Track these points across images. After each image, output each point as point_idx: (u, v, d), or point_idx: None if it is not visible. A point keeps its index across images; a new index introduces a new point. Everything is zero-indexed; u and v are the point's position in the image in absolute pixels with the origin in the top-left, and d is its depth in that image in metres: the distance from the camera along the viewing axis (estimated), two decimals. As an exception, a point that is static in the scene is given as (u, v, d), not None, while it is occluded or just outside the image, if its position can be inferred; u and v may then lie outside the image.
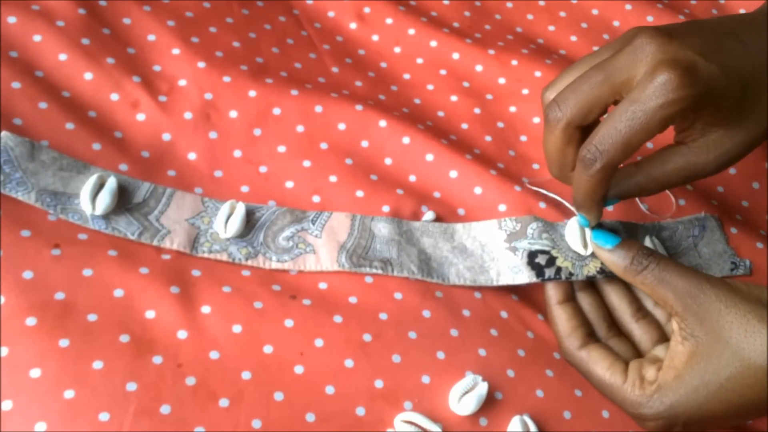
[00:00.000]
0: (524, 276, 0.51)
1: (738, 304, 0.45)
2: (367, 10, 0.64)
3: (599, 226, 0.50)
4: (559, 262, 0.51)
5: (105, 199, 0.49)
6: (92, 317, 0.46)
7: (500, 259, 0.52)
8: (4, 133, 0.50)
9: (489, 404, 0.48)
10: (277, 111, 0.56)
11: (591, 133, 0.46)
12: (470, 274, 0.52)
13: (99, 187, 0.50)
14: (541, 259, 0.51)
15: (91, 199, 0.49)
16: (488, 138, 0.60)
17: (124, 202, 0.50)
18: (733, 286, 0.46)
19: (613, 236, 0.49)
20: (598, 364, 0.48)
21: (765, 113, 0.48)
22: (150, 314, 0.46)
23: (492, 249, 0.53)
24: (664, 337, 0.51)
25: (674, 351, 0.46)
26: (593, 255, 0.51)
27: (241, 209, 0.51)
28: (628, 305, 0.52)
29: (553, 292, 0.51)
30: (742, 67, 0.47)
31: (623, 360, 0.49)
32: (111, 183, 0.50)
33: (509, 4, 0.68)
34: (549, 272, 0.51)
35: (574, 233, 0.51)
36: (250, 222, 0.52)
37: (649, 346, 0.50)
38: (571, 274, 0.51)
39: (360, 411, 0.46)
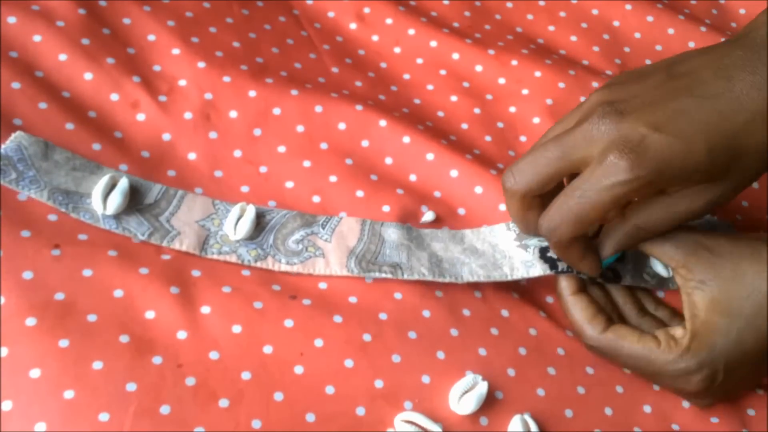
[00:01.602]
0: (538, 269, 0.51)
1: (742, 242, 0.47)
2: (367, 10, 0.64)
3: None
4: None
5: (116, 199, 0.49)
6: (92, 317, 0.46)
7: (513, 257, 0.52)
8: (18, 132, 0.50)
9: (489, 403, 0.48)
10: (277, 111, 0.56)
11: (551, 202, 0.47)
12: (484, 271, 0.52)
13: (111, 187, 0.50)
14: (552, 254, 0.51)
15: (102, 198, 0.49)
16: (488, 138, 0.60)
17: (135, 202, 0.50)
18: (733, 235, 0.48)
19: None
20: (627, 339, 0.49)
21: (746, 166, 0.46)
22: (150, 314, 0.46)
23: (503, 248, 0.53)
24: None
25: (691, 302, 0.48)
26: None
27: (251, 212, 0.51)
28: (632, 305, 0.53)
29: (566, 284, 0.51)
30: (707, 127, 0.44)
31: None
32: (123, 183, 0.50)
33: (509, 4, 0.68)
34: (562, 265, 0.51)
35: None
36: (260, 224, 0.52)
37: None
38: None
39: (360, 411, 0.46)
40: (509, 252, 0.53)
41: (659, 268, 0.53)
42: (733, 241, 0.48)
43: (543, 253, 0.51)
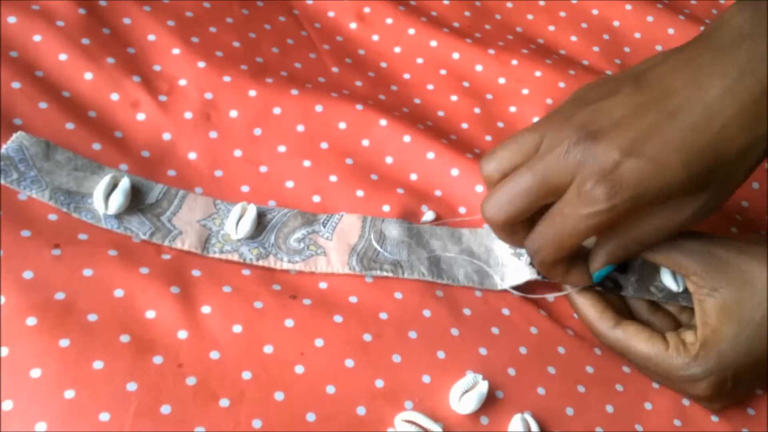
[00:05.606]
0: (526, 274, 0.51)
1: (751, 248, 0.47)
2: (367, 10, 0.64)
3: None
4: None
5: (118, 199, 0.49)
6: (92, 317, 0.45)
7: (506, 265, 0.53)
8: (20, 133, 0.50)
9: (490, 403, 0.48)
10: (277, 111, 0.56)
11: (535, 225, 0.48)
12: (478, 277, 0.52)
13: (112, 187, 0.50)
14: None
15: (104, 198, 0.49)
16: (488, 138, 0.60)
17: (136, 202, 0.50)
18: (740, 240, 0.48)
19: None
20: (637, 337, 0.49)
21: (728, 173, 0.45)
22: (150, 314, 0.46)
23: (498, 255, 0.53)
24: (680, 326, 0.52)
25: (702, 309, 0.48)
26: None
27: (252, 211, 0.51)
28: (642, 299, 0.52)
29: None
30: (681, 144, 0.43)
31: (659, 331, 0.50)
32: (124, 183, 0.50)
33: (509, 4, 0.68)
34: None
35: None
36: (261, 224, 0.52)
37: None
38: None
39: (360, 411, 0.46)
40: (503, 259, 0.53)
41: (669, 282, 0.52)
42: (741, 247, 0.48)
43: None
